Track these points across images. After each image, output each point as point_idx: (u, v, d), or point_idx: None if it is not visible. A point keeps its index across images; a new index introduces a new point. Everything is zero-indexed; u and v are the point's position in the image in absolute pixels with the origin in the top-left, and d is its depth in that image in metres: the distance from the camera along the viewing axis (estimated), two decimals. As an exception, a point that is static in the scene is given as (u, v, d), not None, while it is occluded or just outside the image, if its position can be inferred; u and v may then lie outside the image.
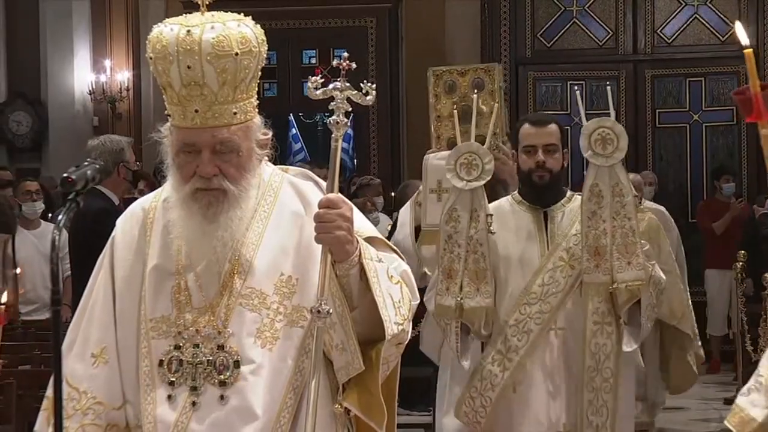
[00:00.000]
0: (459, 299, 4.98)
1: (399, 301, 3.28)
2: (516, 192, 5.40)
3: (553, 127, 5.36)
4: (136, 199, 4.00)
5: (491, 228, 5.02)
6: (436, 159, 5.87)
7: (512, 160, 5.49)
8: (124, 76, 15.90)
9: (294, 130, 15.62)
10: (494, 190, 5.48)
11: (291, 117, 15.42)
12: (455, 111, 5.60)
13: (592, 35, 14.60)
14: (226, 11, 3.34)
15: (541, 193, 5.28)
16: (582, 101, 5.76)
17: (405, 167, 15.49)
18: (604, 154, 5.00)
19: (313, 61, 15.94)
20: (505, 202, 5.39)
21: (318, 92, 3.25)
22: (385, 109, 14.93)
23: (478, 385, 5.12)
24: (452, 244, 5.03)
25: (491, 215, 5.03)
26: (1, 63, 15.65)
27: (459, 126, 5.41)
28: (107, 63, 15.86)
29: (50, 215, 10.08)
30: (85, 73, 15.81)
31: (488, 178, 5.07)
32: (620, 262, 4.94)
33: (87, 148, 7.51)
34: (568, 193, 5.36)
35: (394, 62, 15.66)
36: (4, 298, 6.20)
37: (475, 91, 5.81)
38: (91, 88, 15.80)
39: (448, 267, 5.05)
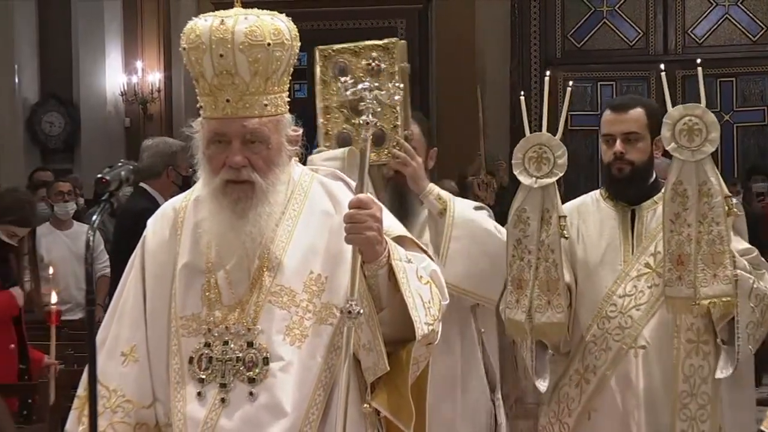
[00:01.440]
0: (529, 314, 4.40)
1: (429, 302, 3.27)
2: (604, 187, 4.78)
3: (635, 112, 4.64)
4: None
5: (564, 232, 4.40)
6: (322, 160, 4.64)
7: (428, 157, 4.87)
8: (155, 77, 15.97)
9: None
10: (405, 198, 4.76)
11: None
12: (347, 100, 4.75)
13: (622, 36, 14.57)
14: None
15: (623, 188, 4.63)
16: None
17: (436, 168, 15.48)
18: (690, 147, 4.29)
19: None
20: (589, 198, 4.78)
21: (348, 92, 3.27)
22: (416, 110, 14.91)
23: (556, 409, 4.61)
24: (522, 250, 4.40)
25: (564, 217, 4.40)
26: (34, 65, 15.74)
27: (354, 118, 4.61)
28: (139, 64, 15.93)
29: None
30: (116, 74, 15.90)
31: (561, 174, 4.41)
32: (705, 273, 4.25)
33: (141, 148, 7.59)
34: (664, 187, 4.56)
35: (424, 63, 15.67)
36: (54, 299, 6.26)
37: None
38: (122, 90, 15.88)
39: (518, 276, 4.42)
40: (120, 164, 3.35)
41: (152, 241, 3.46)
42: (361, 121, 3.24)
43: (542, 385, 4.51)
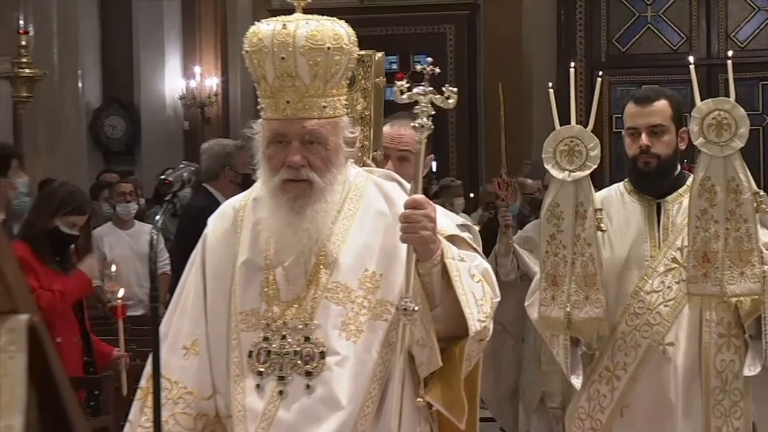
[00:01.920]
0: (567, 310, 4.21)
1: (481, 299, 3.28)
2: (627, 180, 4.59)
3: (660, 104, 4.43)
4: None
5: (601, 225, 4.19)
6: None
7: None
8: (213, 82, 16.06)
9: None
10: None
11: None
12: None
13: (666, 40, 14.50)
14: None
15: (650, 182, 4.44)
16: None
17: (483, 169, 15.49)
18: (719, 142, 4.06)
19: (395, 66, 15.99)
20: (613, 191, 4.58)
21: (404, 96, 3.27)
22: (464, 113, 14.95)
23: (586, 406, 4.42)
24: (556, 245, 4.22)
25: (600, 210, 4.20)
26: (97, 71, 15.87)
27: None
28: (197, 69, 16.03)
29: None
30: (176, 79, 16.00)
31: (594, 166, 4.19)
32: (732, 271, 4.05)
33: (200, 151, 7.65)
34: (690, 180, 4.37)
35: (471, 67, 15.69)
36: (121, 293, 6.31)
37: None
38: (181, 94, 15.98)
39: (553, 272, 4.22)
40: (182, 166, 3.38)
41: (213, 239, 3.48)
42: (416, 125, 3.25)
43: (576, 381, 4.41)
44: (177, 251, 7.10)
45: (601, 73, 4.70)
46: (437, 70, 3.29)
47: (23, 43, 11.96)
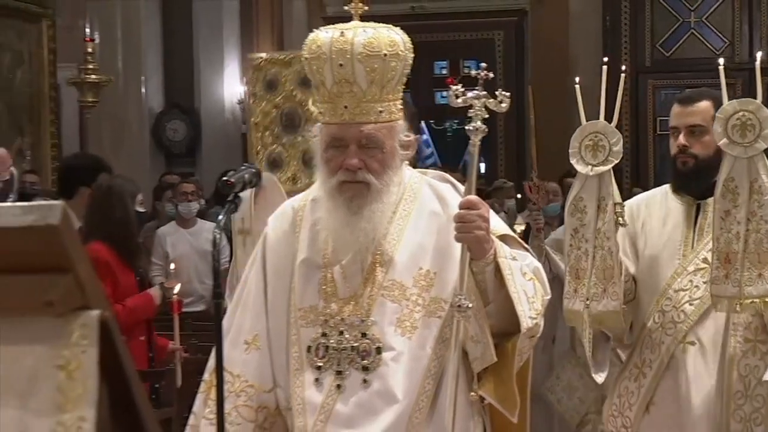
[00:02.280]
0: (587, 303, 4.08)
1: (532, 297, 3.27)
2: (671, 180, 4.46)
3: (702, 105, 4.30)
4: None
5: (620, 219, 4.05)
6: None
7: None
8: (270, 86, 16.11)
9: (425, 136, 15.65)
10: None
11: (423, 124, 15.47)
12: (277, 116, 4.21)
13: (709, 45, 14.35)
14: None
15: (687, 182, 4.30)
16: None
17: (530, 171, 15.45)
18: (743, 143, 3.89)
19: (444, 71, 15.99)
20: (659, 191, 4.46)
21: (459, 100, 3.28)
22: (512, 116, 14.89)
23: (617, 403, 4.34)
24: (579, 239, 4.09)
25: (620, 204, 4.06)
26: (159, 76, 15.96)
27: (284, 136, 4.16)
28: (254, 74, 16.08)
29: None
30: (234, 84, 16.05)
31: (616, 161, 4.09)
32: (750, 273, 3.88)
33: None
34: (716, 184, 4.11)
35: (519, 71, 15.63)
36: (177, 289, 6.34)
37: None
38: (239, 98, 16.03)
39: (576, 266, 4.10)
40: (243, 168, 3.39)
41: (273, 238, 3.49)
42: (471, 127, 3.25)
43: (599, 377, 4.27)
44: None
45: (623, 68, 4.54)
46: (491, 75, 3.28)
47: (89, 50, 12.06)
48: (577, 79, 4.44)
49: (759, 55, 4.34)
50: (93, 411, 1.77)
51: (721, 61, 4.31)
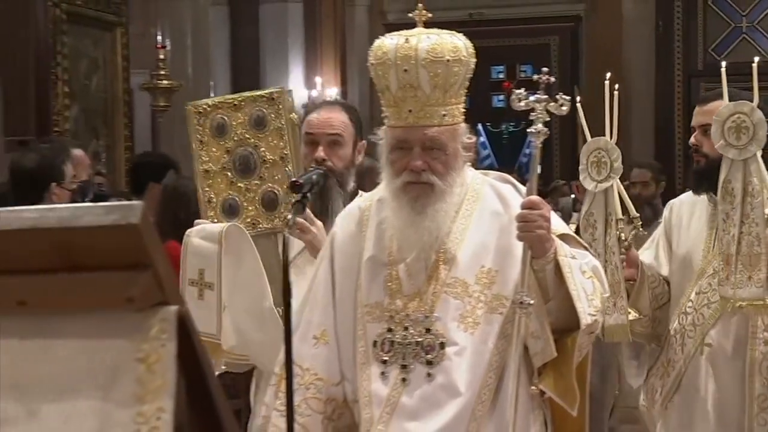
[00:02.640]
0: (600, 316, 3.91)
1: (591, 294, 3.26)
2: None
3: (713, 105, 4.20)
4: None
5: (622, 235, 4.02)
6: (198, 237, 3.82)
7: (355, 150, 4.02)
8: (332, 91, 16.14)
9: (482, 138, 15.64)
10: (326, 196, 3.90)
11: (480, 126, 15.45)
12: (229, 161, 3.87)
13: (760, 49, 14.18)
14: None
15: (700, 180, 4.23)
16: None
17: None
18: (737, 145, 3.83)
19: (501, 75, 15.97)
20: (689, 192, 4.38)
21: (521, 103, 3.27)
22: (566, 118, 14.80)
23: (645, 399, 4.32)
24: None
25: (622, 219, 4.04)
26: (226, 81, 16.05)
27: (240, 181, 3.84)
28: (318, 80, 16.13)
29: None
30: (299, 88, 16.11)
31: (616, 177, 4.07)
32: (741, 275, 3.82)
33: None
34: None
35: (574, 75, 15.57)
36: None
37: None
38: (304, 102, 16.09)
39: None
40: (311, 169, 3.39)
41: (340, 237, 3.50)
42: (533, 130, 3.24)
43: (633, 382, 4.33)
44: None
45: (617, 86, 4.56)
46: (552, 79, 3.27)
47: (161, 56, 12.14)
48: (578, 98, 4.31)
49: (756, 58, 4.29)
50: (171, 402, 1.78)
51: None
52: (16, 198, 4.69)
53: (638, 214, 4.09)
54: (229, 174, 3.85)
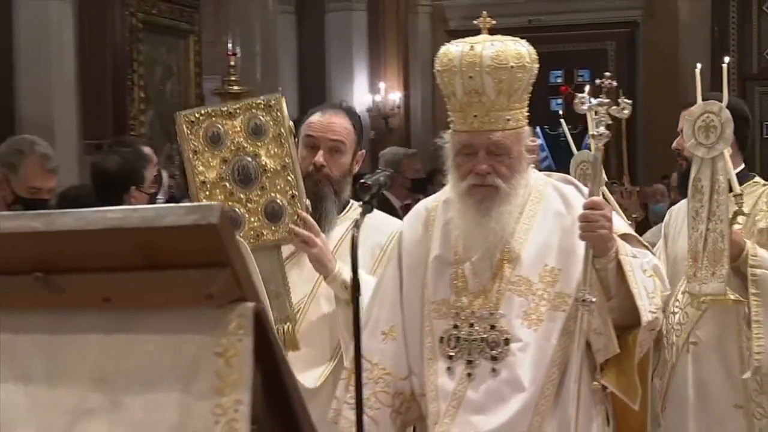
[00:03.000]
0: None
1: (652, 292, 3.24)
2: None
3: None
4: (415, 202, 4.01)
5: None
6: None
7: (354, 160, 3.82)
8: (395, 96, 16.16)
9: (541, 141, 15.57)
10: (321, 199, 3.72)
11: (538, 129, 15.39)
12: (227, 171, 3.55)
13: (814, 52, 14.01)
14: None
15: (683, 183, 4.05)
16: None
17: (641, 172, 15.29)
18: (706, 144, 3.74)
19: (559, 80, 15.87)
20: None
21: (584, 107, 3.25)
22: (625, 123, 14.71)
23: (655, 399, 4.03)
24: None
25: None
26: (294, 88, 16.13)
27: (240, 192, 3.56)
28: (381, 85, 16.14)
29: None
30: (363, 94, 16.14)
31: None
32: (707, 271, 3.72)
33: (379, 156, 7.68)
34: (756, 178, 4.13)
35: (631, 80, 15.45)
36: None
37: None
38: (368, 107, 16.12)
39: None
40: (379, 171, 3.39)
41: (408, 237, 3.49)
42: (596, 133, 3.22)
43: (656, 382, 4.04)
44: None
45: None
46: (614, 83, 3.24)
47: (231, 63, 12.21)
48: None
49: (726, 60, 4.27)
50: (248, 394, 1.78)
51: (726, 59, 4.25)
52: (96, 199, 4.72)
53: (741, 191, 3.85)
54: (227, 185, 3.55)
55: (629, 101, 3.24)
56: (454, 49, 3.26)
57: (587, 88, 3.37)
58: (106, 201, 4.57)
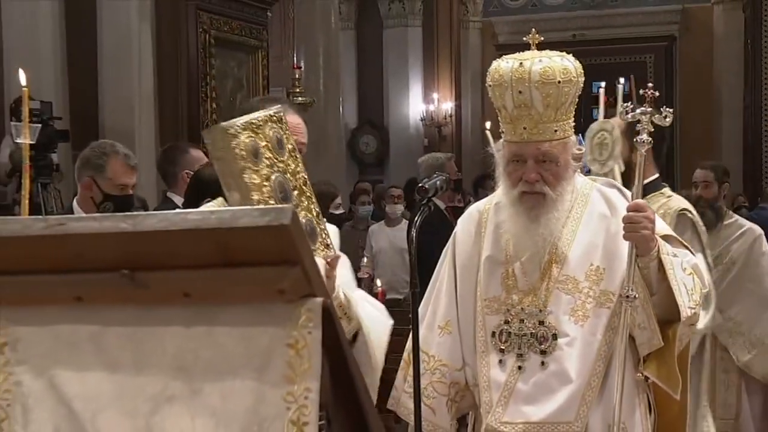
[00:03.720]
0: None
1: (691, 289, 3.20)
2: None
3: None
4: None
5: None
6: None
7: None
8: (448, 106, 16.13)
9: (583, 147, 15.50)
10: None
11: (581, 137, 15.32)
12: (271, 190, 2.82)
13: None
14: None
15: None
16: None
17: (678, 182, 15.18)
18: (600, 159, 3.78)
19: (601, 90, 15.76)
20: None
21: (628, 116, 3.22)
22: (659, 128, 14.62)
23: None
24: None
25: None
26: (353, 97, 16.18)
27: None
28: (435, 96, 16.13)
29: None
30: (417, 103, 16.15)
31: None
32: None
33: (418, 162, 7.65)
34: (665, 189, 4.20)
35: (669, 90, 15.33)
36: (380, 282, 6.37)
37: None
38: (422, 116, 16.11)
39: None
40: (435, 176, 3.37)
41: (461, 237, 3.49)
42: (639, 140, 3.20)
43: None
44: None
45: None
46: (656, 93, 3.21)
47: (296, 75, 12.28)
48: (487, 124, 3.97)
49: (621, 80, 4.20)
50: (317, 383, 1.79)
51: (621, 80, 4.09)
52: (187, 203, 4.66)
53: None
54: (273, 203, 2.85)
55: (670, 110, 3.21)
56: (504, 66, 3.24)
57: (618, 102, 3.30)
58: (194, 205, 4.46)
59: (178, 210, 1.85)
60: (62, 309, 1.92)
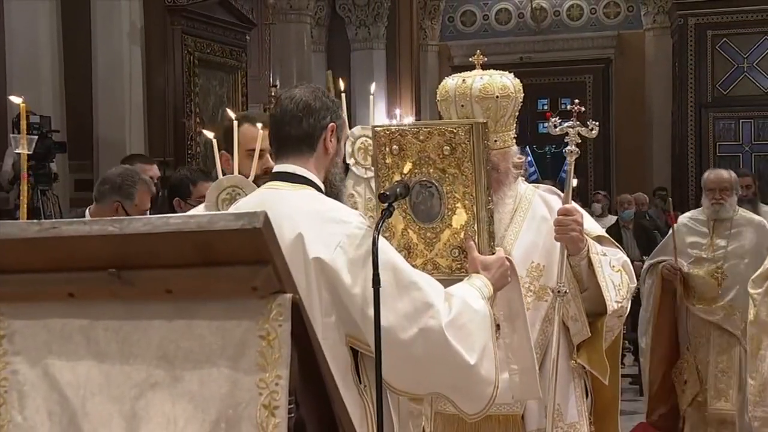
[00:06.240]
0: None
1: (619, 285, 3.22)
2: None
3: None
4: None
5: None
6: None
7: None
8: (408, 120, 16.15)
9: (530, 158, 15.56)
10: None
11: (527, 148, 15.38)
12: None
13: (759, 85, 13.91)
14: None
15: None
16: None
17: (614, 185, 15.27)
18: (364, 164, 3.54)
19: (545, 107, 15.87)
20: None
21: (557, 129, 3.24)
22: (599, 141, 14.73)
23: None
24: None
25: None
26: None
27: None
28: (397, 111, 16.05)
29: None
30: (381, 118, 16.15)
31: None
32: None
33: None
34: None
35: (605, 106, 15.46)
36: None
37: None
38: (386, 130, 16.13)
39: None
40: (396, 183, 3.35)
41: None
42: (567, 150, 3.22)
43: None
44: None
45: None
46: (582, 108, 3.24)
47: (272, 93, 12.25)
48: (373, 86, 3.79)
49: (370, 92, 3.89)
50: (287, 371, 1.79)
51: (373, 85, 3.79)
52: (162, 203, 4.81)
53: None
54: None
55: (596, 123, 3.23)
56: (450, 83, 3.25)
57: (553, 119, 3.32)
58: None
59: (160, 215, 1.85)
60: (55, 304, 1.91)
